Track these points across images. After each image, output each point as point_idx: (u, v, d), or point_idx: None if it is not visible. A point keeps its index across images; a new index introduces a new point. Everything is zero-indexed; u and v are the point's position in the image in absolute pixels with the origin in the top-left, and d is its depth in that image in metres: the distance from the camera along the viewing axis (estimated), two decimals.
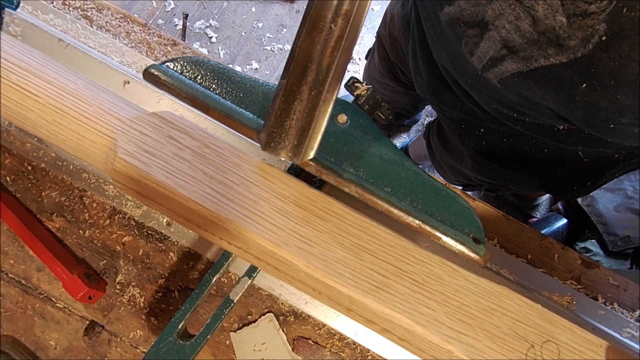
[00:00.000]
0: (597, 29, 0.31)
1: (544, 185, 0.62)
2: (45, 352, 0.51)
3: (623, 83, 0.32)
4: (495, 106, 0.47)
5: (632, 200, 1.17)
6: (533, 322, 0.27)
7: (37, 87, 0.27)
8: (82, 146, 0.27)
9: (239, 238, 0.25)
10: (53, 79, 0.27)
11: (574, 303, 0.47)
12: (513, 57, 0.37)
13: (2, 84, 0.27)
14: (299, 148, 0.24)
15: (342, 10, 0.21)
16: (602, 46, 0.31)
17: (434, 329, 0.24)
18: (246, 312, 0.50)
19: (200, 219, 0.25)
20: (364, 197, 0.38)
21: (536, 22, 0.33)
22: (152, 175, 0.25)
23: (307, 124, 0.24)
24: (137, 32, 0.56)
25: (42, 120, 0.27)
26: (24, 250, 0.51)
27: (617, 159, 0.52)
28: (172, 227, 0.50)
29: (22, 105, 0.27)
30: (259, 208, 0.26)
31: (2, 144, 0.51)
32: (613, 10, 0.29)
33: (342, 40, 0.21)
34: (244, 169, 0.28)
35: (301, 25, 0.21)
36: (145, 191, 0.26)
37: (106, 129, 0.26)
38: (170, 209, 0.26)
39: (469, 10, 0.38)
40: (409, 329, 0.25)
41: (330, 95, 0.23)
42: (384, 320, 0.25)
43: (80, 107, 0.27)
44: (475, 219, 0.39)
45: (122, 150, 0.25)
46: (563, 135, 0.48)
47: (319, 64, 0.22)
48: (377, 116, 0.43)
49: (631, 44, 0.30)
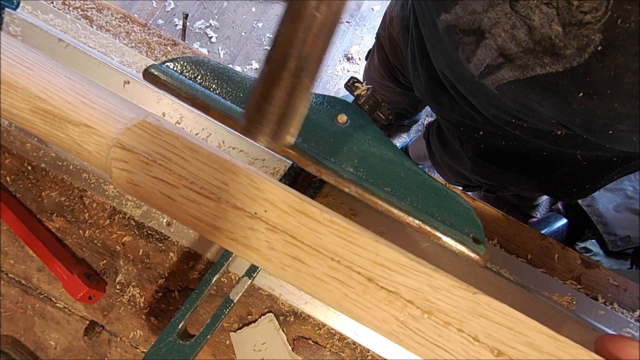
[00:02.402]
0: (593, 39, 0.31)
1: (543, 188, 0.63)
2: (45, 352, 0.51)
3: (619, 92, 0.32)
4: (493, 111, 0.47)
5: (632, 200, 1.18)
6: None
7: (37, 88, 0.27)
8: (81, 147, 0.27)
9: (260, 192, 0.25)
10: (53, 79, 0.27)
11: (574, 303, 0.47)
12: (509, 65, 0.37)
13: (2, 84, 0.27)
14: (278, 133, 0.24)
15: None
16: (598, 56, 0.31)
17: None
18: (246, 312, 0.50)
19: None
20: (364, 197, 0.38)
21: (532, 31, 0.33)
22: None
23: (286, 110, 0.24)
24: (137, 32, 0.56)
25: (41, 121, 0.27)
26: (24, 250, 0.51)
27: (615, 162, 0.52)
28: (172, 227, 0.50)
29: (22, 105, 0.27)
30: None
31: (2, 144, 0.51)
32: (608, 20, 0.29)
33: (325, 27, 0.21)
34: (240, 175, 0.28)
35: (284, 12, 0.22)
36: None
37: (107, 130, 0.26)
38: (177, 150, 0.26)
39: (465, 18, 0.38)
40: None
41: (309, 81, 0.23)
42: None
43: (80, 107, 0.27)
44: (476, 219, 0.39)
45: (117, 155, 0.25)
46: (561, 140, 0.48)
47: (301, 50, 0.22)
48: (377, 116, 0.43)
49: (626, 54, 0.30)
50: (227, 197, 0.25)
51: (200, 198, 0.25)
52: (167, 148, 0.25)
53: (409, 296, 0.23)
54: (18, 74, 0.27)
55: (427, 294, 0.23)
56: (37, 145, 0.51)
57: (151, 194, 0.25)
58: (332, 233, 0.24)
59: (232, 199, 0.25)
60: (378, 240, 0.24)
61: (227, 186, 0.25)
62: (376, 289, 0.23)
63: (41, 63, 0.28)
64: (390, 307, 0.23)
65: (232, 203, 0.25)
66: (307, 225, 0.24)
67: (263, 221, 0.25)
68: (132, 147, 0.25)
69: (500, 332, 0.22)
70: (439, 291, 0.23)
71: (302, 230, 0.24)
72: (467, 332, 0.23)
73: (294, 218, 0.24)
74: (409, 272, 0.23)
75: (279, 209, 0.25)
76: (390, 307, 0.23)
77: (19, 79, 0.26)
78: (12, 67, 0.27)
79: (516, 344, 0.22)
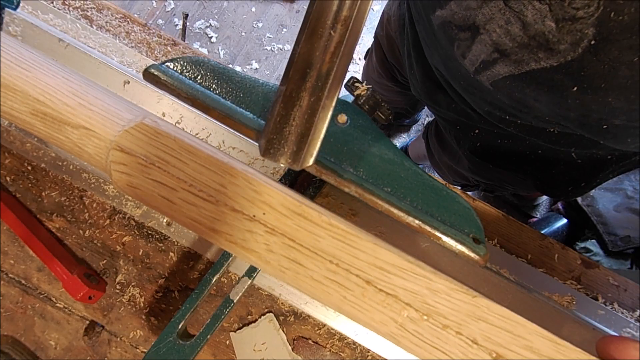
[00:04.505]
0: (586, 33, 0.31)
1: (539, 186, 0.63)
2: (45, 352, 0.51)
3: (614, 86, 0.32)
4: (488, 108, 0.47)
5: (632, 200, 1.17)
6: None
7: (37, 88, 0.27)
8: (81, 150, 0.27)
9: (259, 195, 0.25)
10: (51, 81, 0.27)
11: (574, 303, 0.47)
12: (504, 60, 0.37)
13: (2, 84, 0.27)
14: (298, 154, 0.24)
15: (342, 16, 0.21)
16: (592, 50, 0.31)
17: None
18: (246, 312, 0.50)
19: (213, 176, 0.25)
20: (364, 197, 0.38)
21: (526, 26, 0.33)
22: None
23: (306, 131, 0.24)
24: (137, 32, 0.56)
25: (41, 121, 0.27)
26: (24, 250, 0.51)
27: (610, 160, 0.52)
28: (172, 227, 0.50)
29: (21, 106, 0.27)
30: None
31: (2, 144, 0.51)
32: (601, 15, 0.29)
33: (341, 46, 0.21)
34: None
35: (300, 31, 0.21)
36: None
37: (105, 133, 0.26)
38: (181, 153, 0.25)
39: (460, 14, 0.38)
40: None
41: (329, 101, 0.23)
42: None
43: (78, 109, 0.27)
44: (476, 219, 0.39)
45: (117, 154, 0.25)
46: (555, 137, 0.48)
47: (319, 70, 0.22)
48: (377, 116, 0.43)
49: (620, 48, 0.30)
50: (225, 199, 0.25)
51: (199, 201, 0.25)
52: (165, 150, 0.25)
53: (407, 299, 0.23)
54: (16, 76, 0.27)
55: (426, 296, 0.23)
56: (37, 145, 0.51)
57: (151, 196, 0.25)
58: (331, 236, 0.24)
59: (230, 202, 0.25)
60: (377, 243, 0.24)
61: (225, 189, 0.25)
62: (374, 292, 0.23)
63: (39, 64, 0.28)
64: (389, 310, 0.23)
65: (230, 206, 0.25)
66: (306, 228, 0.24)
67: (262, 224, 0.25)
68: (130, 149, 0.25)
69: (499, 335, 0.22)
70: (438, 294, 0.23)
71: (301, 233, 0.24)
72: (465, 335, 0.23)
73: (292, 221, 0.24)
74: (407, 275, 0.23)
75: (277, 211, 0.25)
76: (389, 309, 0.23)
77: (17, 81, 0.26)
78: (10, 69, 0.27)
79: (515, 347, 0.22)
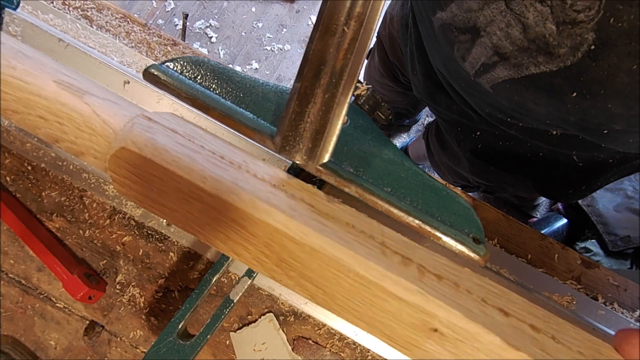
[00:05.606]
0: (586, 38, 0.31)
1: (539, 188, 0.63)
2: (45, 352, 0.51)
3: (612, 92, 0.32)
4: (489, 110, 0.47)
5: (632, 200, 1.17)
6: None
7: (37, 87, 0.27)
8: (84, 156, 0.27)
9: (248, 220, 0.24)
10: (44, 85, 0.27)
11: (574, 303, 0.47)
12: (504, 63, 0.37)
13: (2, 84, 0.27)
14: (314, 151, 0.24)
15: (355, 12, 0.21)
16: (591, 55, 0.31)
17: None
18: (246, 312, 0.50)
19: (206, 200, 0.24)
20: (364, 197, 0.38)
21: (526, 29, 0.33)
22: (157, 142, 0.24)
23: (321, 127, 0.24)
24: (137, 32, 0.56)
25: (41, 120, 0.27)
26: (24, 250, 0.51)
27: (611, 164, 0.52)
28: (172, 227, 0.50)
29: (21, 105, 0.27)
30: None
31: (2, 144, 0.51)
32: (601, 19, 0.29)
33: (355, 42, 0.21)
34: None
35: (314, 28, 0.21)
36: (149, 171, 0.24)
37: (101, 147, 0.26)
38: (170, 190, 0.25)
39: (461, 17, 0.38)
40: None
41: (344, 97, 0.23)
42: None
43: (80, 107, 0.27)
44: (476, 219, 0.39)
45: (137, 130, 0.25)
46: (557, 140, 0.48)
47: (333, 67, 0.22)
48: (377, 116, 0.43)
49: (619, 54, 0.30)
50: (219, 227, 0.25)
51: (197, 213, 0.25)
52: (150, 178, 0.25)
53: None
54: (15, 77, 0.27)
55: None
56: (37, 145, 0.51)
57: (150, 208, 0.25)
58: None
59: (224, 231, 0.25)
60: None
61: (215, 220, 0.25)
62: None
63: (31, 67, 0.28)
64: None
65: (224, 233, 0.25)
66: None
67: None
68: (120, 173, 0.25)
69: None
70: None
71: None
72: None
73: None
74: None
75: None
76: None
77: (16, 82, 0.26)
78: (9, 70, 0.27)
79: None
